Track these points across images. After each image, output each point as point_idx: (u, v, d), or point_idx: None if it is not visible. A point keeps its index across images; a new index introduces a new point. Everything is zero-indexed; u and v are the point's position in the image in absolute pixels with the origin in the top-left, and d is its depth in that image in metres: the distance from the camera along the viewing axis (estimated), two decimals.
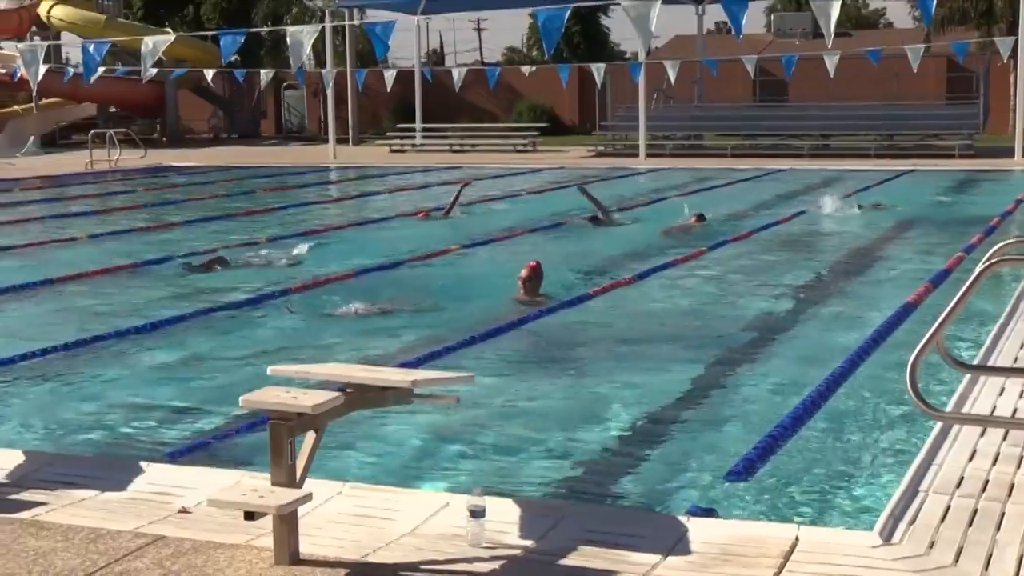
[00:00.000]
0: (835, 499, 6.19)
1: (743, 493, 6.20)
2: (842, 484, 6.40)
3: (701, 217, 18.01)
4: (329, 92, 36.76)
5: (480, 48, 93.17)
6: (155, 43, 17.51)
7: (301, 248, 15.30)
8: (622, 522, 5.41)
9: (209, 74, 33.38)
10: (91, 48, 18.51)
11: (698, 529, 5.19)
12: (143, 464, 6.26)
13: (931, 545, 4.97)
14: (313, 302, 11.81)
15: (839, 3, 10.47)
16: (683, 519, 5.34)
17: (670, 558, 4.91)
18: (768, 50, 44.04)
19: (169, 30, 47.36)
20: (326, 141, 39.07)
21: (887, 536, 5.06)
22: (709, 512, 5.65)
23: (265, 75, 38.15)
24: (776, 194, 23.47)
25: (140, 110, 47.51)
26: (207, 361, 9.67)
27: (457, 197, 19.61)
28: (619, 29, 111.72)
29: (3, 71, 35.64)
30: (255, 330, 10.65)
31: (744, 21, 11.85)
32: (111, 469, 6.24)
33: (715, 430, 7.48)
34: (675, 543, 5.05)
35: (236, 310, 11.56)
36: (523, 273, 11.60)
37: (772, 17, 60.21)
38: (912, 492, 5.54)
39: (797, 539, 5.05)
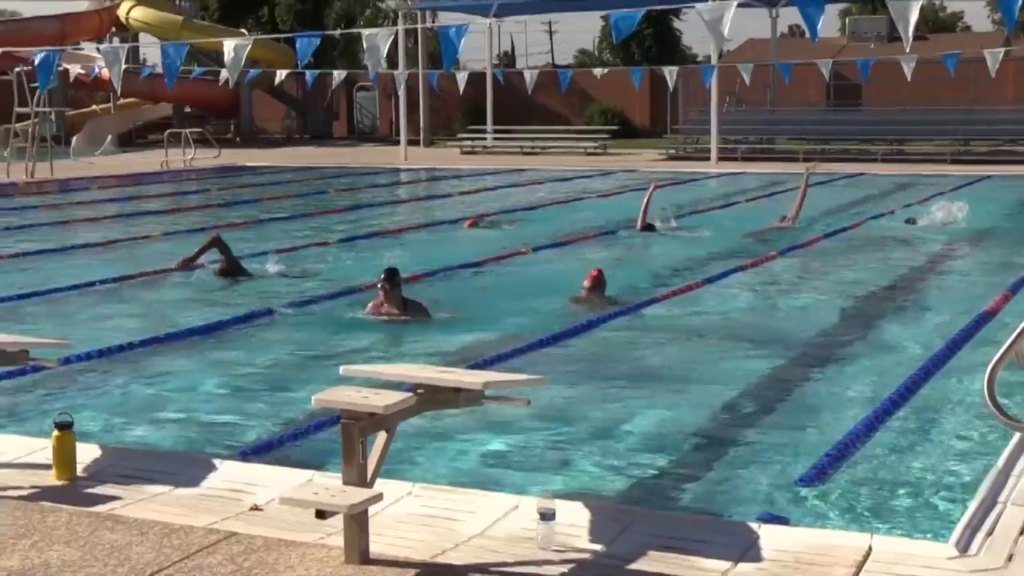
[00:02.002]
0: (909, 508, 6.10)
1: (815, 500, 6.13)
2: (916, 493, 6.30)
3: (786, 217, 18.24)
4: (401, 93, 36.95)
5: (551, 50, 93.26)
6: (236, 48, 17.65)
7: (364, 249, 15.39)
8: (692, 528, 5.37)
9: (282, 75, 33.65)
10: (171, 50, 18.74)
11: (769, 536, 5.14)
12: (216, 461, 6.33)
13: (1009, 558, 4.87)
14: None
15: (918, 6, 10.32)
16: (754, 526, 5.28)
17: (741, 565, 4.86)
18: (842, 54, 43.58)
19: (244, 31, 47.93)
20: (397, 142, 39.27)
21: (964, 547, 4.97)
22: (780, 519, 5.60)
23: (338, 76, 38.43)
24: (849, 199, 23.22)
25: (215, 110, 48.09)
26: (278, 359, 9.74)
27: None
28: (691, 32, 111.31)
29: (82, 71, 36.21)
30: (324, 330, 10.70)
31: (820, 25, 11.74)
32: (185, 465, 6.31)
33: (786, 436, 7.40)
34: (746, 550, 5.00)
35: (304, 308, 11.64)
36: (585, 284, 11.61)
37: (847, 20, 59.55)
38: (990, 503, 5.43)
39: (870, 548, 4.98)
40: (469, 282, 13.62)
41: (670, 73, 32.09)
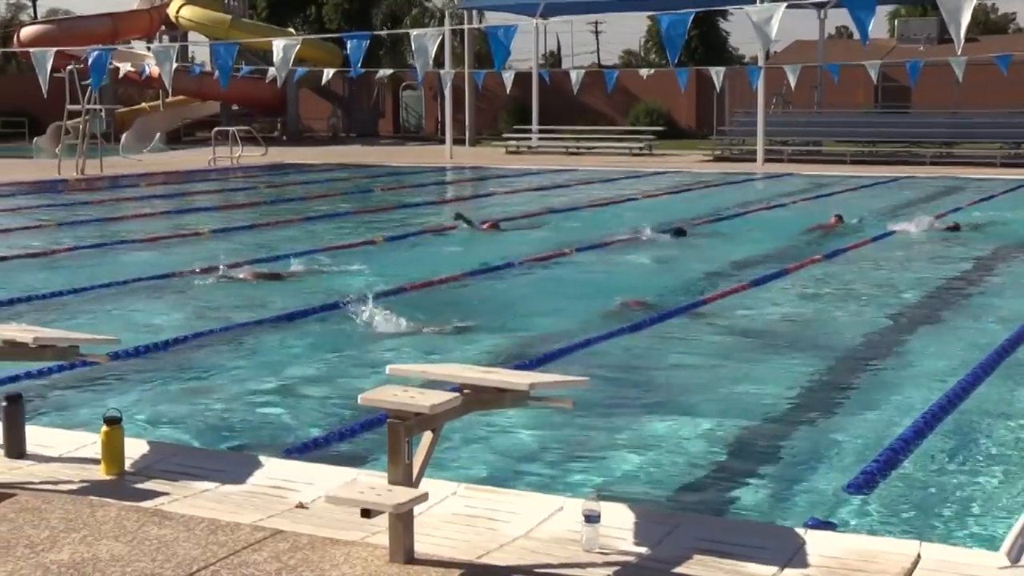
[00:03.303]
0: (959, 515, 6.03)
1: (863, 506, 6.08)
2: (966, 500, 6.23)
3: (840, 218, 18.59)
4: (447, 93, 37.02)
5: (597, 50, 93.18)
6: (285, 48, 17.74)
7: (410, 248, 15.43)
8: (738, 532, 5.34)
9: (329, 74, 33.82)
10: (222, 50, 18.89)
11: (816, 542, 5.10)
12: (262, 458, 6.36)
13: None
14: (425, 301, 11.90)
15: (971, 8, 10.20)
16: (801, 531, 5.25)
17: (787, 570, 4.83)
18: (891, 56, 43.21)
19: (292, 30, 48.22)
20: (443, 142, 39.35)
21: (1015, 557, 4.90)
22: (828, 525, 5.55)
23: (384, 75, 38.58)
24: (897, 202, 23.03)
25: (262, 109, 48.39)
26: (325, 357, 9.78)
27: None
28: (738, 33, 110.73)
29: (133, 69, 36.57)
30: (369, 329, 10.72)
31: (871, 27, 11.64)
32: (231, 462, 6.35)
33: (834, 441, 7.35)
34: (792, 555, 4.97)
35: (349, 307, 11.68)
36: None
37: (896, 22, 59.03)
38: None
39: (919, 556, 4.93)
40: (505, 283, 13.60)
41: (717, 74, 31.99)
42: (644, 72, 38.73)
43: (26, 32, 44.79)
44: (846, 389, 8.75)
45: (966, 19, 10.69)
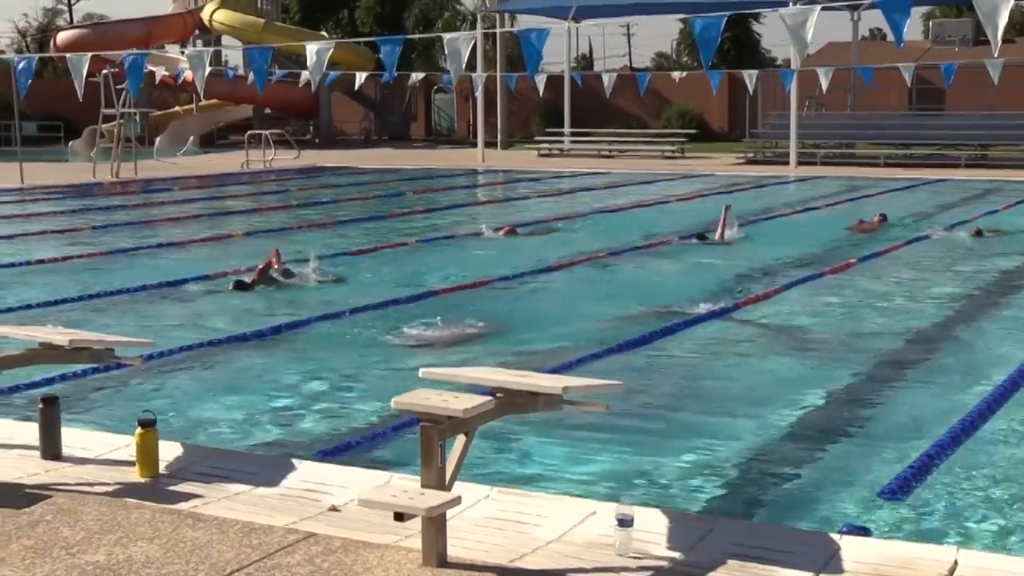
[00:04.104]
0: (996, 522, 5.97)
1: (898, 512, 6.04)
2: (1004, 506, 6.17)
3: (884, 217, 18.86)
4: (479, 96, 37.09)
5: (629, 53, 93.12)
6: (319, 52, 17.81)
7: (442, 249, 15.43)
8: (772, 538, 5.31)
9: (361, 77, 33.94)
10: (256, 54, 18.98)
11: (851, 548, 5.06)
12: (295, 461, 6.37)
13: None
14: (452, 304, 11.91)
15: (1007, 9, 10.11)
16: (835, 537, 5.21)
17: None
18: (925, 57, 42.94)
19: (324, 34, 48.39)
20: (475, 145, 39.40)
21: None
22: (862, 531, 5.51)
23: (416, 78, 38.63)
24: (933, 205, 22.88)
25: (294, 112, 48.61)
26: (357, 360, 9.80)
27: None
28: (770, 35, 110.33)
29: (167, 73, 36.81)
30: (402, 333, 10.74)
31: (905, 29, 11.56)
32: (264, 465, 6.37)
33: (868, 446, 7.30)
34: (827, 561, 4.93)
35: (382, 310, 11.71)
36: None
37: (930, 24, 58.67)
38: None
39: (956, 562, 4.88)
40: (539, 287, 13.60)
41: (749, 77, 31.85)
42: (676, 75, 38.58)
43: (62, 37, 45.17)
44: (880, 393, 8.69)
45: (1003, 20, 10.60)
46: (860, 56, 40.14)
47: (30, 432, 6.59)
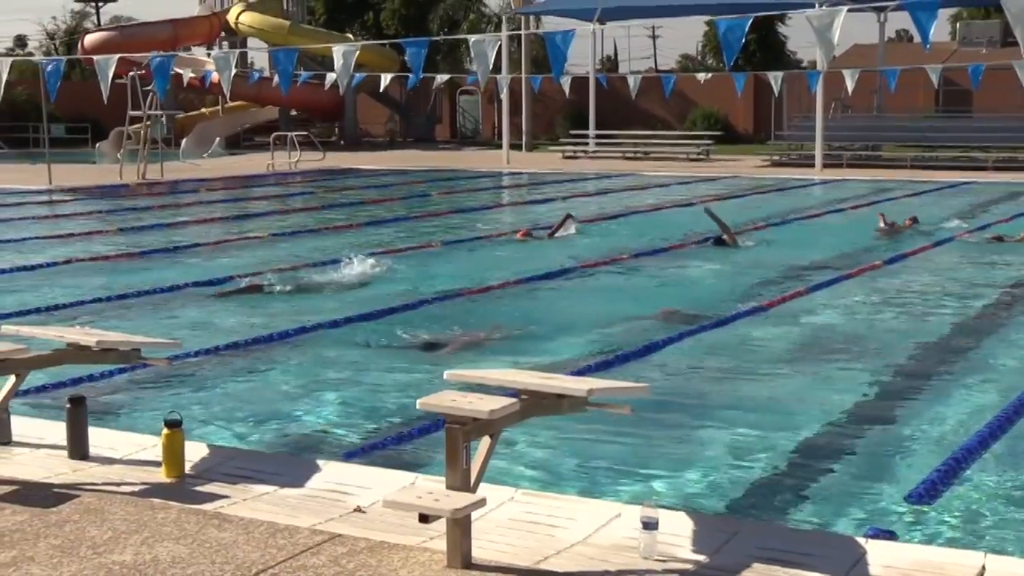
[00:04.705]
0: None
1: (925, 516, 6.00)
2: None
3: (916, 220, 18.79)
4: (504, 98, 37.08)
5: (654, 55, 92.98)
6: (345, 54, 17.85)
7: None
8: (798, 541, 5.29)
9: (387, 79, 34.01)
10: (282, 56, 19.04)
11: (877, 552, 5.03)
12: (320, 462, 6.39)
13: None
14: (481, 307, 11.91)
15: None
16: (862, 541, 5.19)
17: None
18: (952, 59, 42.69)
19: (350, 36, 48.48)
20: (499, 146, 39.40)
21: None
22: (889, 535, 5.49)
23: (441, 80, 38.66)
24: (961, 207, 22.75)
25: (320, 114, 48.72)
26: (382, 362, 9.81)
27: (562, 224, 18.07)
28: (796, 37, 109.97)
29: (193, 75, 36.96)
30: (428, 334, 10.75)
31: (932, 30, 11.48)
32: (289, 466, 6.39)
33: (895, 450, 7.26)
34: (853, 565, 4.91)
35: (406, 312, 11.72)
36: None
37: (958, 25, 58.36)
38: None
39: (984, 568, 4.85)
40: (563, 289, 13.59)
41: (775, 78, 31.73)
42: (701, 77, 38.49)
43: (90, 39, 45.40)
44: (907, 397, 8.65)
45: None
46: (887, 58, 39.95)
47: (58, 432, 6.63)
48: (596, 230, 19.01)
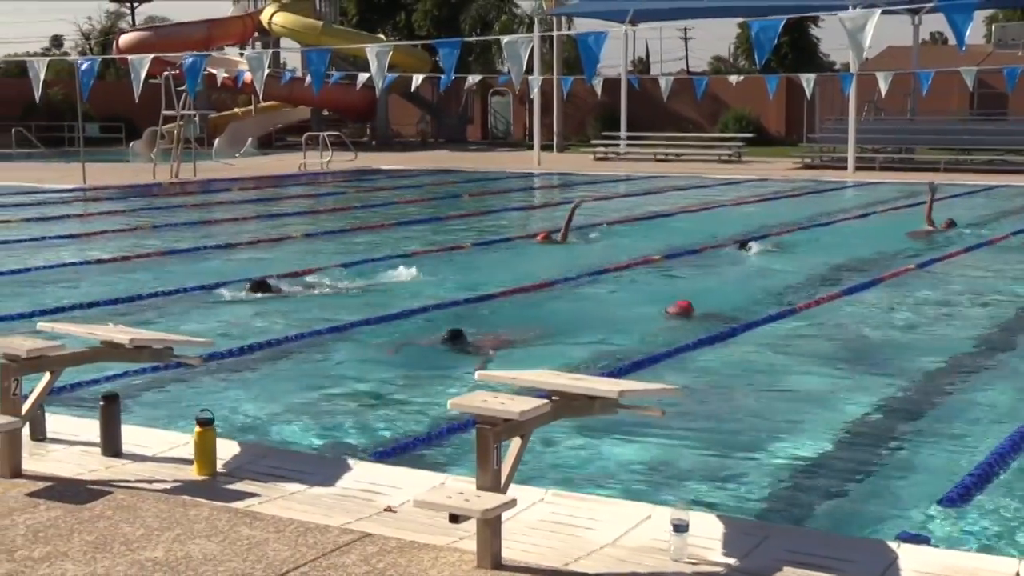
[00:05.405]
0: None
1: (958, 521, 5.96)
2: None
3: (952, 223, 18.74)
4: (535, 99, 37.09)
5: (686, 57, 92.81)
6: (379, 55, 17.92)
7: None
8: (829, 545, 5.26)
9: (418, 79, 34.08)
10: (315, 57, 19.15)
11: (909, 556, 5.01)
12: (351, 461, 6.41)
13: None
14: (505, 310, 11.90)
15: None
16: (894, 545, 5.16)
17: None
18: (987, 61, 42.41)
19: (383, 36, 48.61)
20: (531, 147, 39.41)
21: None
22: (921, 539, 5.46)
23: (473, 81, 38.71)
24: (994, 211, 22.59)
25: (352, 114, 48.86)
26: (414, 362, 9.82)
27: (570, 219, 17.69)
28: (828, 39, 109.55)
29: (227, 75, 37.15)
30: (456, 334, 10.75)
31: (968, 32, 11.42)
32: (320, 465, 6.42)
33: (927, 454, 7.22)
34: (885, 569, 4.89)
35: (438, 312, 11.73)
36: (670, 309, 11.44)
37: (993, 28, 57.93)
38: None
39: (1018, 574, 4.82)
40: (594, 292, 13.58)
41: (807, 81, 31.62)
42: (733, 79, 38.39)
43: (125, 39, 45.74)
44: (940, 400, 8.59)
45: None
46: (921, 60, 39.70)
47: (92, 429, 6.67)
48: (626, 230, 18.99)
